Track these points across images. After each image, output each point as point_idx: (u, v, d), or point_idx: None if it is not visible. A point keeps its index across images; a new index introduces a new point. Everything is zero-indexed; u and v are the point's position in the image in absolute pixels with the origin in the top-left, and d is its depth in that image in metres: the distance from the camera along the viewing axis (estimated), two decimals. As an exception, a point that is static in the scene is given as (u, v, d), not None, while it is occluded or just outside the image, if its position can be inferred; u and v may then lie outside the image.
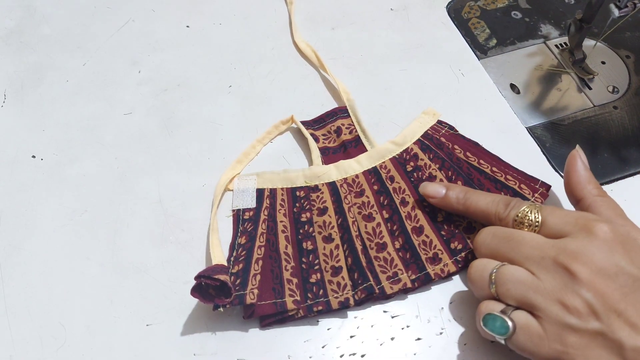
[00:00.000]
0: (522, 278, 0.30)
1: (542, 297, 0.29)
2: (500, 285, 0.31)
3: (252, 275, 0.35)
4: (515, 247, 0.32)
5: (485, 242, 0.33)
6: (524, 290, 0.30)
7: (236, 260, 0.36)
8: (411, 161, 0.40)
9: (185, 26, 0.51)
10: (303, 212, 0.39)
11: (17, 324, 0.35)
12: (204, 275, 0.32)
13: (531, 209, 0.33)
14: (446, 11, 0.52)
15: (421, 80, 0.47)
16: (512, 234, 0.32)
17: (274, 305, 0.34)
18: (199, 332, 0.35)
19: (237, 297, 0.34)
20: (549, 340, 0.29)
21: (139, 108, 0.46)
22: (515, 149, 0.42)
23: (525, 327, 0.30)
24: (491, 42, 0.50)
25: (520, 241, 0.32)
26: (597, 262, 0.29)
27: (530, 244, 0.31)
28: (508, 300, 0.31)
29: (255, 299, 0.34)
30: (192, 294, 0.32)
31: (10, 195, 0.41)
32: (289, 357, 0.34)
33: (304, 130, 0.42)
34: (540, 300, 0.29)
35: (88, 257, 0.38)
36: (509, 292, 0.30)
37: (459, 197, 0.36)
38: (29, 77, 0.48)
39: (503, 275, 0.31)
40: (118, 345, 0.34)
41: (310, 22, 0.51)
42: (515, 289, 0.30)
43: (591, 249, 0.29)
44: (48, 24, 0.52)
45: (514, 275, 0.31)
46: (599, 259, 0.29)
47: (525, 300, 0.30)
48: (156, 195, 0.41)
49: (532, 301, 0.30)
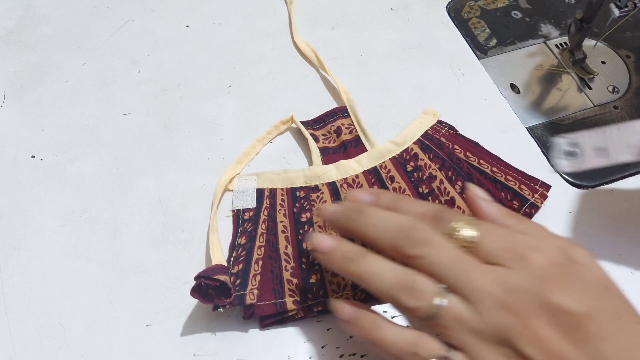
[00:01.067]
0: (462, 317, 0.26)
1: (478, 341, 0.26)
2: (441, 321, 0.27)
3: (252, 275, 0.35)
4: (462, 276, 0.27)
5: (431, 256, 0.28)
6: (462, 332, 0.26)
7: (236, 261, 0.36)
8: (411, 161, 0.40)
9: (185, 26, 0.51)
10: (303, 212, 0.39)
11: (16, 324, 0.35)
12: (204, 275, 0.32)
13: (467, 224, 0.28)
14: (446, 11, 0.52)
15: (421, 80, 0.47)
16: (460, 258, 0.27)
17: (274, 306, 0.34)
18: (199, 333, 0.35)
19: (237, 298, 0.34)
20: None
21: (138, 108, 0.46)
22: (515, 149, 0.42)
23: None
24: (491, 42, 0.50)
25: (464, 270, 0.27)
26: (537, 302, 0.26)
27: (473, 274, 0.27)
28: (447, 338, 0.27)
29: (255, 300, 0.34)
30: (192, 294, 0.32)
31: (10, 195, 0.41)
32: (289, 357, 0.34)
33: (304, 130, 0.42)
34: (476, 345, 0.26)
35: (88, 257, 0.38)
36: (447, 331, 0.27)
37: (386, 204, 0.31)
38: (29, 77, 0.48)
39: (448, 312, 0.26)
40: (118, 346, 0.34)
41: (310, 22, 0.51)
42: (456, 329, 0.26)
43: (530, 286, 0.26)
44: (48, 24, 0.52)
45: (457, 312, 0.26)
46: (539, 299, 0.26)
47: (462, 344, 0.26)
48: (156, 195, 0.41)
49: (468, 345, 0.26)
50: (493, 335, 0.26)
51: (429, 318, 0.27)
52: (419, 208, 0.30)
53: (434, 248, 0.27)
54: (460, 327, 0.26)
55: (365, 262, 0.28)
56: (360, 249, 0.29)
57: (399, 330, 0.28)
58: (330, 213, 0.31)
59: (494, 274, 0.27)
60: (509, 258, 0.27)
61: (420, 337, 0.27)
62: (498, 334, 0.26)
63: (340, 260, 0.29)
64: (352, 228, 0.30)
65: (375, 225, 0.29)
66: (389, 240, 0.28)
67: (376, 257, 0.28)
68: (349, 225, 0.30)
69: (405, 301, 0.27)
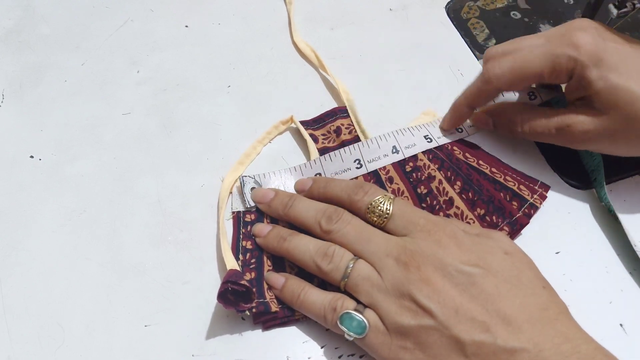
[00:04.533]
0: (369, 276, 0.31)
1: (383, 296, 0.31)
2: (351, 280, 0.32)
3: (267, 288, 0.35)
4: (364, 243, 0.32)
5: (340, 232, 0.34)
6: (369, 288, 0.31)
7: (246, 266, 0.36)
8: (410, 161, 0.40)
9: (184, 26, 0.51)
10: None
11: (15, 324, 0.35)
12: (231, 280, 0.32)
13: (385, 200, 0.33)
14: (445, 11, 0.52)
15: (420, 81, 0.47)
16: (364, 229, 0.33)
17: (281, 310, 0.34)
18: (198, 333, 0.35)
19: (263, 304, 0.34)
20: (392, 339, 0.30)
21: (138, 108, 0.46)
22: (514, 149, 0.42)
23: (374, 326, 0.31)
24: (490, 42, 0.50)
25: (368, 238, 0.33)
26: (433, 261, 0.30)
27: (376, 241, 0.32)
28: (358, 296, 0.32)
29: (278, 307, 0.34)
30: (218, 300, 0.32)
31: (9, 195, 0.41)
32: (288, 357, 0.34)
33: (304, 131, 0.42)
34: (381, 300, 0.31)
35: (87, 257, 0.38)
36: (357, 288, 0.31)
37: (319, 187, 0.37)
38: (28, 77, 0.48)
39: (356, 271, 0.32)
40: (117, 346, 0.34)
41: (309, 22, 0.51)
42: (364, 286, 0.31)
43: (428, 249, 0.31)
44: (47, 24, 0.52)
45: (364, 272, 0.32)
46: (434, 259, 0.30)
47: (370, 300, 0.31)
48: (155, 195, 0.41)
49: (374, 301, 0.31)
50: (395, 290, 0.30)
51: (342, 279, 0.32)
52: (345, 183, 0.36)
53: (344, 223, 0.33)
54: (368, 286, 0.31)
55: (294, 239, 0.34)
56: (290, 231, 0.35)
57: (321, 292, 0.33)
58: (268, 201, 0.37)
59: (396, 240, 0.32)
60: (413, 230, 0.32)
61: (337, 296, 0.32)
62: (399, 289, 0.30)
63: (275, 240, 0.35)
64: (286, 213, 0.36)
65: (304, 209, 0.35)
66: (313, 220, 0.34)
67: (303, 235, 0.35)
68: (284, 212, 0.36)
69: (324, 266, 0.33)
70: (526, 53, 0.35)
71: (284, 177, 0.40)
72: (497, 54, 0.37)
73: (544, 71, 0.35)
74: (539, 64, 0.35)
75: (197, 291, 0.36)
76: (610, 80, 0.33)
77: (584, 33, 0.34)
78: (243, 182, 0.39)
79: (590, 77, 0.34)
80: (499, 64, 0.36)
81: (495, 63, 0.36)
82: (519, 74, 0.36)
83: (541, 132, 0.38)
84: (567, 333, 0.28)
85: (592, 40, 0.34)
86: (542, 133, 0.38)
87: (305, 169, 0.40)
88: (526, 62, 0.35)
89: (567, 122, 0.36)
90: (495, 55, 0.37)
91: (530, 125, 0.38)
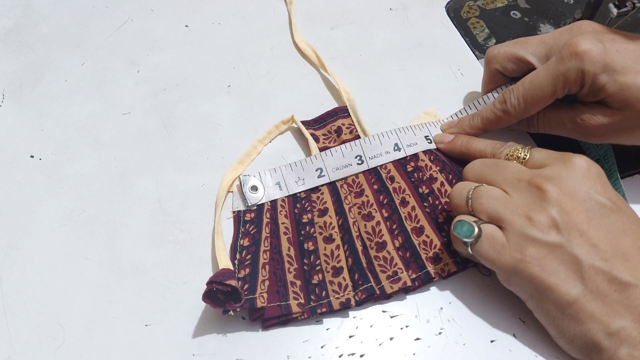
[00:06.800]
0: (495, 195, 0.33)
1: (509, 211, 0.31)
2: (475, 201, 0.33)
3: (261, 281, 0.35)
4: (497, 172, 0.34)
5: (472, 168, 0.36)
6: (494, 205, 0.32)
7: (242, 264, 0.36)
8: (412, 161, 0.40)
9: (184, 26, 0.51)
10: (304, 213, 0.39)
11: (15, 324, 0.35)
12: (216, 281, 0.32)
13: (523, 148, 0.36)
14: (445, 11, 0.52)
15: (420, 80, 0.47)
16: (497, 162, 0.35)
17: (278, 308, 0.34)
18: (198, 333, 0.35)
19: (248, 301, 0.34)
20: (510, 250, 0.31)
21: (137, 108, 0.46)
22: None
23: (490, 236, 0.32)
24: (490, 42, 0.50)
25: (503, 167, 0.34)
26: (568, 185, 0.31)
27: (511, 169, 0.34)
28: (480, 214, 0.33)
29: (265, 303, 0.34)
30: (203, 299, 0.32)
31: (8, 195, 0.41)
32: (288, 357, 0.34)
33: (305, 130, 0.42)
34: (508, 214, 0.31)
35: (86, 257, 0.38)
36: (481, 206, 0.33)
37: (462, 143, 0.40)
38: (27, 77, 0.48)
39: (478, 192, 0.33)
40: (117, 346, 0.34)
41: (309, 21, 0.51)
42: (488, 203, 0.32)
43: (565, 174, 0.32)
44: (46, 24, 0.52)
45: (488, 193, 0.33)
46: (570, 184, 0.31)
47: (494, 214, 0.32)
48: (155, 195, 0.41)
49: (500, 214, 0.32)
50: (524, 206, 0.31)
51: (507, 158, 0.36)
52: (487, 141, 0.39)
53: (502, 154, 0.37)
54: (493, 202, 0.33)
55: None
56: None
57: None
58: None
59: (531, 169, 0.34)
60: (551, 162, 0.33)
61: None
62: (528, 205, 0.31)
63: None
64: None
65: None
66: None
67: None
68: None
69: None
70: (533, 77, 0.37)
71: (283, 173, 0.40)
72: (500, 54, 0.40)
73: (556, 91, 0.37)
74: (549, 86, 0.36)
75: (197, 291, 0.36)
76: (620, 82, 0.34)
77: (584, 40, 0.35)
78: (243, 181, 0.39)
79: (601, 83, 0.35)
80: (513, 93, 0.38)
81: (510, 94, 0.39)
82: (533, 101, 0.38)
83: (556, 126, 0.39)
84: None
85: (593, 46, 0.34)
86: (557, 126, 0.39)
87: (305, 164, 0.40)
88: (537, 88, 0.37)
89: (581, 116, 0.37)
90: (497, 54, 0.40)
91: (545, 119, 0.39)
